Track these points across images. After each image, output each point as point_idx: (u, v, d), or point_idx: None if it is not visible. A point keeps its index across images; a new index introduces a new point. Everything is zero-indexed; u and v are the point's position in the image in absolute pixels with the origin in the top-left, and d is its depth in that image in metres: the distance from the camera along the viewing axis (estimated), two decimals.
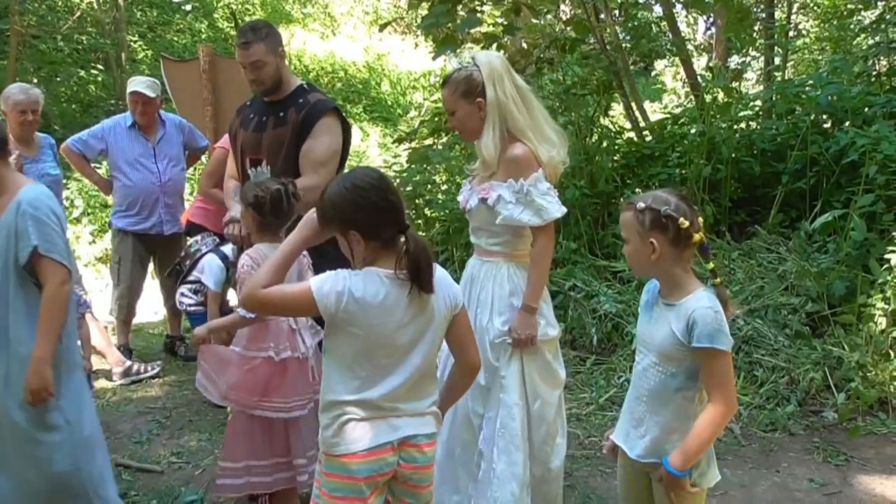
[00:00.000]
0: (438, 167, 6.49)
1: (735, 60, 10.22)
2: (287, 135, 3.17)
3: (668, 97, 13.34)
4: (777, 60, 8.92)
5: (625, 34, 8.11)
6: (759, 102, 6.49)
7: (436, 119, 7.00)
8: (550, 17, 7.66)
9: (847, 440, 3.71)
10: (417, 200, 6.33)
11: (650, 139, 6.48)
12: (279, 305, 1.92)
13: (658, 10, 9.24)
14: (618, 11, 7.59)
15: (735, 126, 5.97)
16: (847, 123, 5.36)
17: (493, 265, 2.64)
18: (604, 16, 7.19)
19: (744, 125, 6.16)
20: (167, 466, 3.55)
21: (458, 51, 5.48)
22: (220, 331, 2.91)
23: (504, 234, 2.61)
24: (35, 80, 11.20)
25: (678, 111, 6.76)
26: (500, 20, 6.56)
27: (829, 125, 5.65)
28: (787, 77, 8.62)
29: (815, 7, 12.22)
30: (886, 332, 4.07)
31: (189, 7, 16.88)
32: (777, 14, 9.32)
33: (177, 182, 4.97)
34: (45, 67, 13.20)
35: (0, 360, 2.42)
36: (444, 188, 6.47)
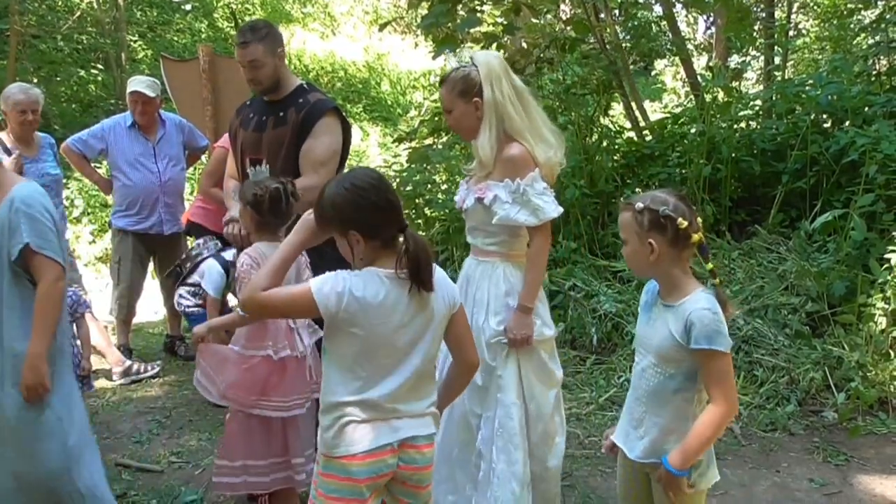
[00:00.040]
0: (438, 167, 6.49)
1: (735, 60, 10.24)
2: (287, 134, 3.17)
3: (668, 97, 13.34)
4: (777, 60, 8.92)
5: (625, 34, 8.12)
6: (759, 102, 6.49)
7: (436, 119, 6.99)
8: (550, 17, 7.66)
9: (847, 440, 3.71)
10: (417, 200, 6.33)
11: (650, 139, 6.48)
12: (279, 308, 1.92)
13: (658, 10, 9.23)
14: (618, 11, 7.59)
15: (735, 126, 5.97)
16: (847, 123, 5.36)
17: (489, 265, 2.64)
18: (604, 15, 7.19)
19: (744, 125, 6.16)
20: (167, 466, 3.55)
21: (458, 50, 5.48)
22: (220, 329, 2.91)
23: (500, 234, 2.60)
24: (35, 80, 11.20)
25: (678, 111, 6.75)
26: (500, 20, 6.55)
27: (829, 125, 5.65)
28: (787, 76, 8.61)
29: (815, 6, 12.22)
30: (886, 332, 4.07)
31: (189, 7, 16.89)
32: (777, 13, 9.31)
33: (177, 182, 4.97)
34: (45, 67, 13.20)
35: None
36: (444, 188, 6.46)
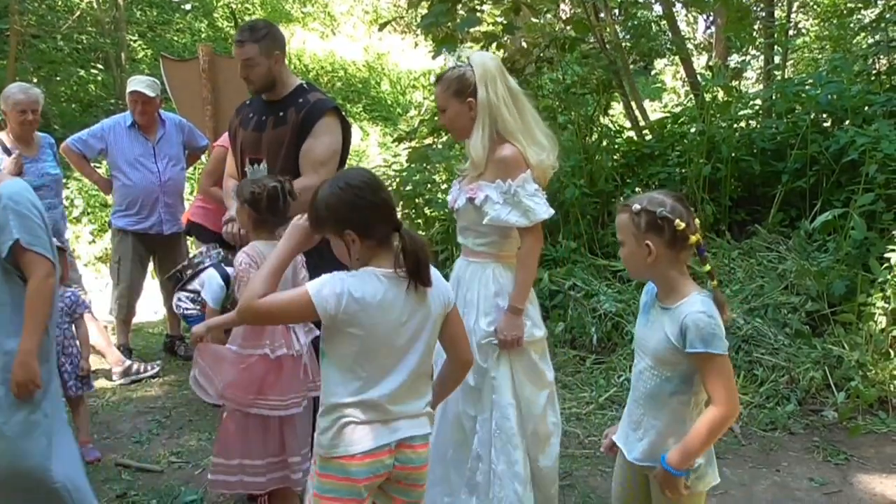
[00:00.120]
0: (438, 166, 6.49)
1: (735, 59, 10.23)
2: (287, 134, 3.17)
3: (668, 96, 13.32)
4: (777, 59, 8.91)
5: (624, 33, 8.11)
6: (759, 101, 6.49)
7: (435, 118, 6.96)
8: (550, 17, 7.65)
9: (847, 439, 3.71)
10: (417, 200, 6.33)
11: (650, 138, 6.48)
12: (277, 314, 1.92)
13: (658, 9, 9.22)
14: (617, 10, 7.58)
15: (735, 125, 5.96)
16: (847, 122, 5.36)
17: (479, 266, 2.64)
18: (603, 15, 7.19)
19: (744, 124, 6.16)
20: (167, 466, 3.56)
21: (458, 50, 5.47)
22: (219, 329, 2.92)
23: (491, 235, 2.61)
24: (35, 80, 11.20)
25: (678, 110, 6.75)
26: (500, 19, 6.55)
27: (829, 124, 5.65)
28: (787, 76, 8.61)
29: (815, 6, 12.21)
30: (886, 331, 4.07)
31: (189, 6, 16.89)
32: (777, 13, 9.30)
33: (177, 181, 4.97)
34: (45, 67, 13.20)
35: None
36: (444, 187, 6.45)
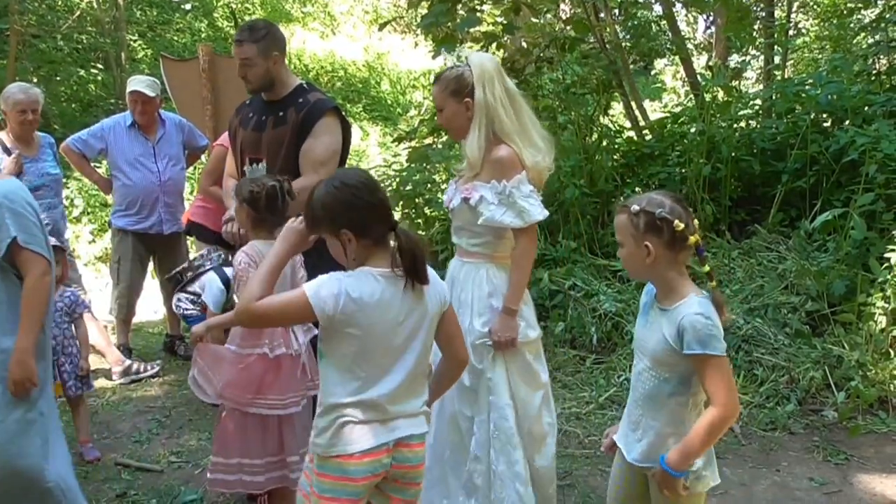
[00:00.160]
0: (438, 166, 6.48)
1: (735, 59, 10.22)
2: (287, 134, 3.17)
3: (668, 96, 13.31)
4: (777, 59, 8.91)
5: (624, 33, 8.12)
6: (759, 101, 6.49)
7: (435, 118, 6.97)
8: (550, 17, 7.65)
9: (847, 439, 3.71)
10: (417, 199, 6.33)
11: (650, 138, 6.48)
12: (275, 316, 1.91)
13: (658, 9, 9.22)
14: (617, 10, 7.59)
15: (735, 125, 5.96)
16: (847, 122, 5.35)
17: (473, 266, 2.64)
18: (603, 15, 7.19)
19: (744, 124, 6.16)
20: (167, 466, 3.55)
21: (457, 49, 5.47)
22: (218, 328, 2.92)
23: (485, 235, 2.61)
24: (35, 80, 11.20)
25: (678, 110, 6.74)
26: (500, 19, 6.55)
27: (829, 124, 5.65)
28: (787, 76, 8.62)
29: (815, 6, 12.21)
30: (886, 331, 4.07)
31: (189, 6, 16.90)
32: (777, 13, 9.30)
33: (177, 181, 4.97)
34: (45, 67, 13.20)
35: None
36: (444, 187, 6.43)
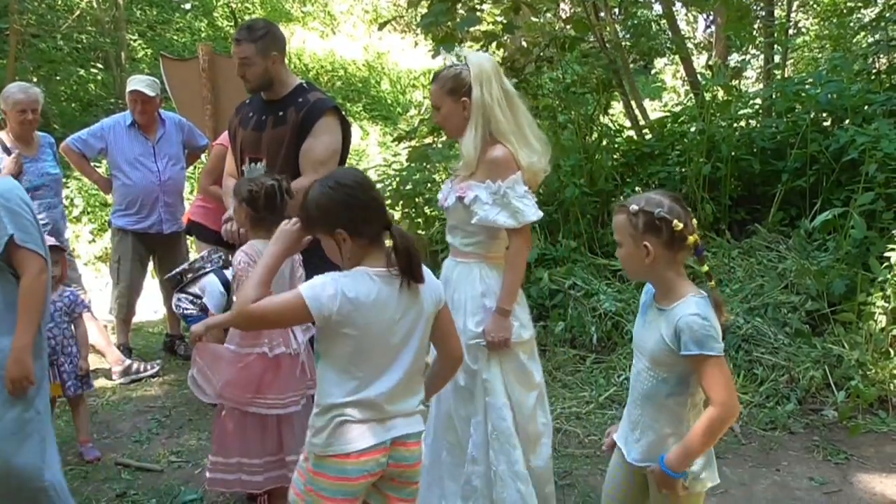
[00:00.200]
0: (438, 165, 6.48)
1: (735, 58, 10.22)
2: (287, 134, 3.17)
3: (668, 95, 13.30)
4: (777, 58, 8.90)
5: (624, 32, 8.11)
6: (759, 100, 6.48)
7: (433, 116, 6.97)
8: (550, 16, 7.64)
9: (847, 438, 3.71)
10: (417, 199, 6.32)
11: (650, 137, 6.47)
12: (272, 319, 1.91)
13: (658, 9, 9.22)
14: (617, 10, 7.58)
15: (735, 124, 5.96)
16: (847, 121, 5.35)
17: (466, 267, 2.64)
18: (603, 14, 7.18)
19: (743, 123, 6.15)
20: (167, 465, 3.56)
21: (455, 49, 5.46)
22: (218, 328, 2.92)
23: (479, 235, 2.61)
24: (34, 79, 11.21)
25: (678, 109, 6.74)
26: (500, 18, 6.54)
27: (829, 123, 5.64)
28: (787, 75, 8.61)
29: (815, 5, 12.20)
30: (886, 331, 4.07)
31: (188, 6, 16.90)
32: (777, 12, 9.29)
33: (176, 181, 4.97)
34: (45, 66, 13.20)
35: None
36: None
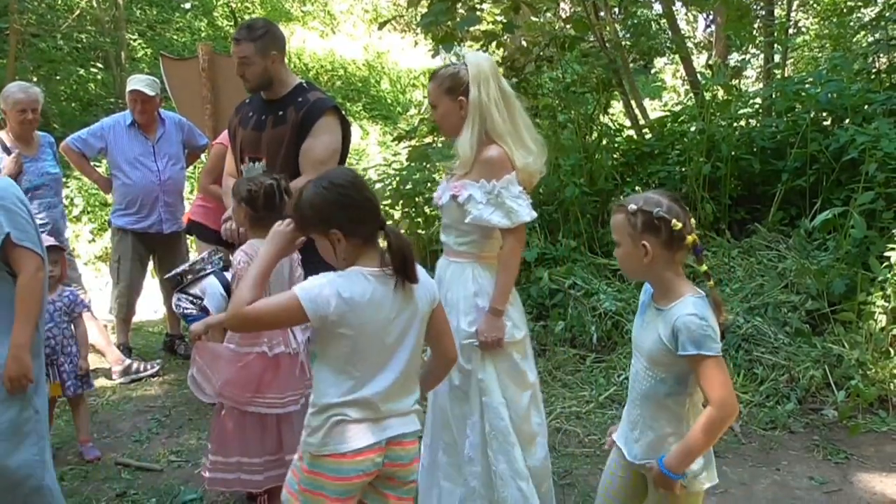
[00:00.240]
0: (438, 165, 6.48)
1: (735, 58, 10.22)
2: (286, 133, 3.17)
3: (668, 95, 13.30)
4: (777, 58, 8.89)
5: (624, 32, 8.10)
6: (759, 100, 6.48)
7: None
8: (550, 15, 7.65)
9: (847, 438, 3.71)
10: (417, 198, 6.32)
11: (650, 137, 6.47)
12: (267, 320, 1.91)
13: (658, 8, 9.22)
14: (617, 9, 7.57)
15: (735, 124, 5.96)
16: (847, 121, 5.35)
17: (459, 266, 2.64)
18: (603, 13, 7.18)
19: (743, 123, 6.15)
20: (167, 465, 3.56)
21: (454, 48, 5.46)
22: (217, 327, 2.92)
23: (472, 234, 2.60)
24: (34, 79, 11.22)
25: (678, 109, 6.74)
26: (500, 18, 6.54)
27: (829, 123, 5.64)
28: (787, 74, 8.61)
29: (815, 4, 12.19)
30: (886, 330, 4.07)
31: (188, 5, 16.89)
32: (777, 11, 9.28)
33: (176, 181, 4.97)
34: (45, 66, 13.21)
35: None
36: None
